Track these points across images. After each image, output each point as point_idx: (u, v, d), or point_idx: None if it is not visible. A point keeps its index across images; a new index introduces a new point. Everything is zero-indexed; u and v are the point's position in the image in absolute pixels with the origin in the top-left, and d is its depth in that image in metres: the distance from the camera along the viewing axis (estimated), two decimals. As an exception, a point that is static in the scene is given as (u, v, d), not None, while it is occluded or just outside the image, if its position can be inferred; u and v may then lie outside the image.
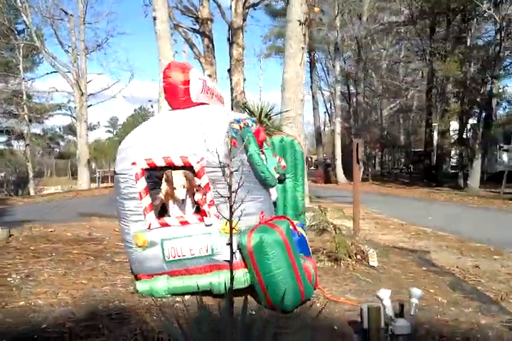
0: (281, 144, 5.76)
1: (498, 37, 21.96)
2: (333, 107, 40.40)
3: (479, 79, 24.68)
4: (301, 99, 8.57)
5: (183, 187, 4.16)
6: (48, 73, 30.41)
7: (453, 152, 29.40)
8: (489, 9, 21.98)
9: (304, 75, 8.61)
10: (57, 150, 66.05)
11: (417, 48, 30.54)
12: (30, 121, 31.88)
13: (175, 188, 4.16)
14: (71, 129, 47.79)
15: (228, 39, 15.84)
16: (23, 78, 30.89)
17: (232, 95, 15.22)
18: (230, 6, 14.92)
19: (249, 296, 4.16)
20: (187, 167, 4.16)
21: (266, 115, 6.89)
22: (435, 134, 31.06)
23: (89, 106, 27.93)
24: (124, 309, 3.74)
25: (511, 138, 24.95)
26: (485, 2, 22.93)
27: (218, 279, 4.00)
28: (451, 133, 28.35)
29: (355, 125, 35.20)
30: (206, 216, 4.09)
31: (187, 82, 4.41)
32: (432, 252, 7.38)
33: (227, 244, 3.76)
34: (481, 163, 22.58)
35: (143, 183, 4.19)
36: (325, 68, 41.83)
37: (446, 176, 27.33)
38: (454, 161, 30.43)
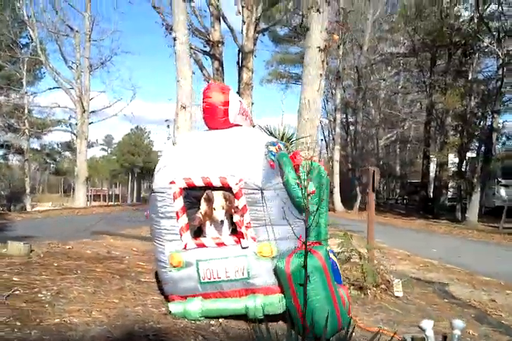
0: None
1: (500, 72, 22.31)
2: (330, 135, 40.71)
3: (479, 113, 25.01)
4: (317, 125, 8.62)
5: (223, 208, 4.13)
6: (50, 88, 30.41)
7: (450, 184, 29.52)
8: (491, 44, 22.39)
9: (320, 101, 8.67)
10: (53, 166, 65.77)
11: (417, 80, 30.97)
12: (29, 135, 31.82)
13: (214, 209, 4.13)
14: (69, 146, 47.62)
15: (237, 63, 15.99)
16: (26, 92, 30.93)
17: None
18: (242, 30, 15.10)
19: (281, 322, 4.13)
20: (225, 188, 4.15)
21: (288, 139, 6.91)
22: (432, 166, 31.29)
23: (90, 124, 27.93)
24: (160, 330, 3.67)
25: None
26: (487, 37, 23.39)
27: (254, 303, 3.94)
28: (449, 165, 28.53)
29: (352, 153, 35.39)
30: (243, 238, 4.06)
31: (226, 103, 4.42)
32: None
33: (302, 267, 3.73)
34: (479, 196, 22.68)
35: (180, 202, 4.16)
36: (324, 96, 42.29)
37: (442, 209, 27.38)
38: (450, 194, 30.52)
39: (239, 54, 15.67)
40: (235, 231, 4.21)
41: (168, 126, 10.18)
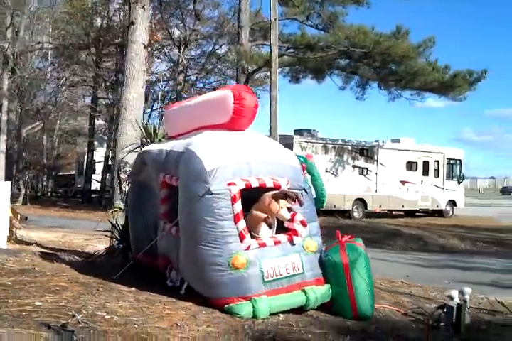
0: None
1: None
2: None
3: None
4: (142, 119, 8.53)
5: (286, 206, 4.30)
6: None
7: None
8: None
9: (143, 97, 8.56)
10: None
11: (84, 74, 30.84)
12: None
13: (281, 208, 4.26)
14: None
15: None
16: None
17: None
18: None
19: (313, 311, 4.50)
20: (275, 188, 4.34)
21: (163, 136, 6.86)
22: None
23: None
24: (270, 331, 3.69)
25: None
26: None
27: (314, 294, 4.26)
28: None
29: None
30: (296, 235, 4.34)
31: (257, 106, 4.54)
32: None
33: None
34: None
35: (240, 204, 4.15)
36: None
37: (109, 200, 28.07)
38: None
39: None
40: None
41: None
